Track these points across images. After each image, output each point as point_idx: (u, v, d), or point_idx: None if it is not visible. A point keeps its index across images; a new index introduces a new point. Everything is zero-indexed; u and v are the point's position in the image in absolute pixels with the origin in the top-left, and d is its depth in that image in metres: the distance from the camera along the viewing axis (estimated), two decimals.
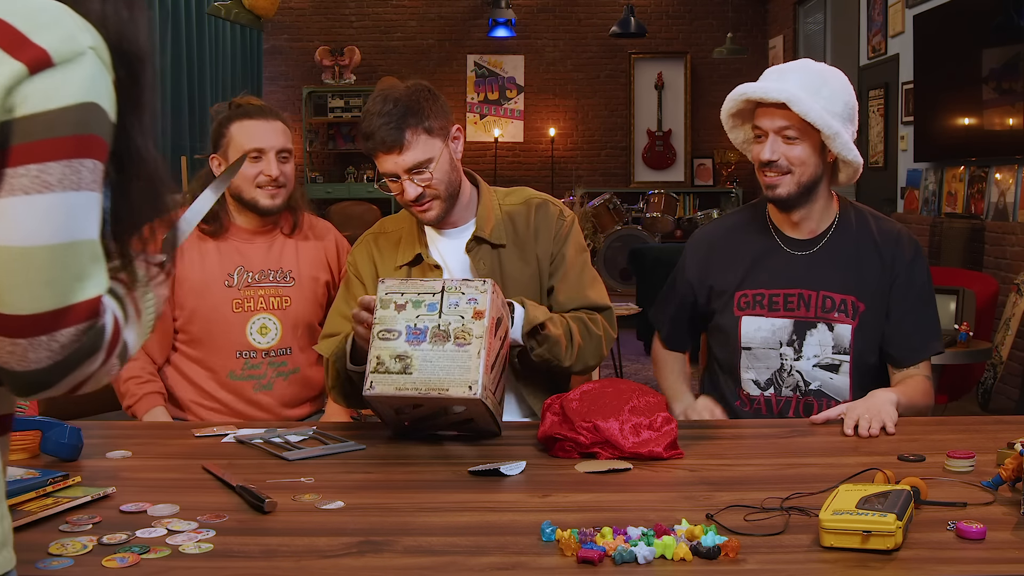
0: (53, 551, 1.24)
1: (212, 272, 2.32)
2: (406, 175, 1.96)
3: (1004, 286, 4.97)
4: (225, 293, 2.31)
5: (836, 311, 2.06)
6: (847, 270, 2.07)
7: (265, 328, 2.32)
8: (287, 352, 2.34)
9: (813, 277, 2.07)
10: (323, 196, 9.86)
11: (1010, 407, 4.79)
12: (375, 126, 1.94)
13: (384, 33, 10.29)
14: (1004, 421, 1.97)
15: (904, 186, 6.57)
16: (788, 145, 1.99)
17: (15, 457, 1.66)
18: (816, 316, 2.06)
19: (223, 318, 2.30)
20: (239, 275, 2.32)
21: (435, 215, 2.03)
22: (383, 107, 1.94)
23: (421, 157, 1.95)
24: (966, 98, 5.55)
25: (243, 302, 2.31)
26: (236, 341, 2.30)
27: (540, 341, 1.94)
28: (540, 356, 1.95)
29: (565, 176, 10.24)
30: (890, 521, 1.21)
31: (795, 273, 2.08)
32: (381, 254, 2.12)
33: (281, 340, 2.33)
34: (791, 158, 2.00)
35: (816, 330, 2.07)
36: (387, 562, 1.22)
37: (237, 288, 2.31)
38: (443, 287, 1.73)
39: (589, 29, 10.30)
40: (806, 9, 9.22)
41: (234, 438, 1.85)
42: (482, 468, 1.59)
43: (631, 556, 1.21)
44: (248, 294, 2.32)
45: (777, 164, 2.00)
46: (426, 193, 1.98)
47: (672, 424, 1.68)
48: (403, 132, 1.93)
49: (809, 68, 2.04)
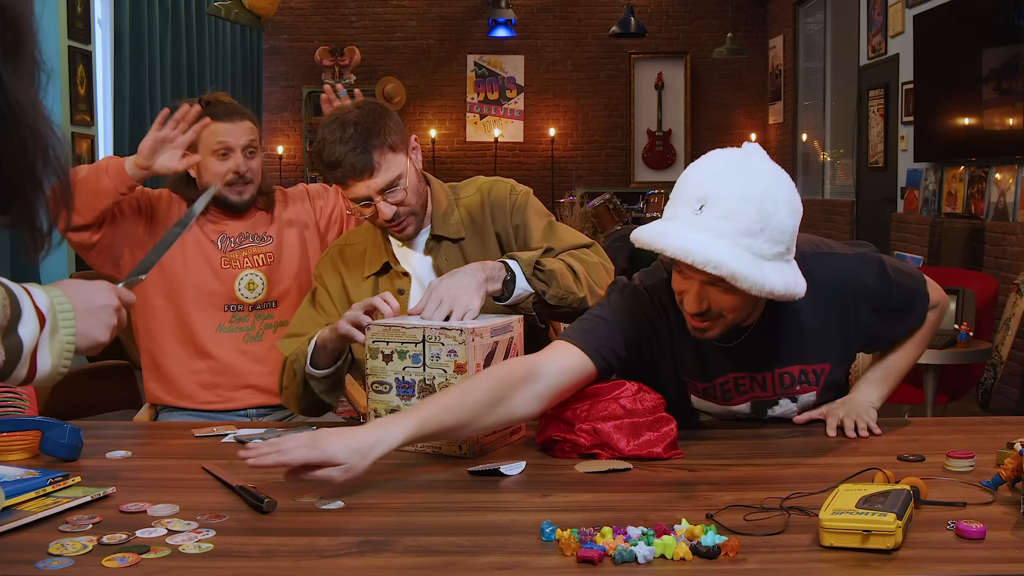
0: (53, 551, 1.24)
1: (196, 238, 2.43)
2: (379, 196, 1.94)
3: (1004, 286, 4.97)
4: (215, 254, 2.43)
5: (798, 384, 1.82)
6: (799, 341, 1.77)
7: (252, 284, 2.44)
8: (273, 305, 2.47)
9: (761, 359, 1.78)
10: None
11: (1010, 407, 4.79)
12: (340, 153, 1.89)
13: (384, 33, 10.29)
14: (1004, 421, 1.97)
15: (904, 186, 6.57)
16: (721, 294, 1.61)
17: (15, 457, 1.66)
18: (775, 394, 1.83)
19: (213, 275, 2.42)
20: (222, 241, 2.45)
21: (412, 231, 2.03)
22: (343, 133, 1.90)
23: (392, 175, 1.94)
24: (966, 98, 5.55)
25: (230, 261, 2.44)
26: (226, 295, 2.43)
27: (546, 280, 1.88)
28: (555, 296, 1.89)
29: (565, 176, 10.24)
30: (890, 521, 1.21)
31: (739, 358, 1.78)
32: (347, 266, 2.11)
33: (267, 294, 2.46)
34: (724, 306, 1.63)
35: (778, 405, 1.86)
36: (387, 562, 1.22)
37: (222, 251, 2.44)
38: (423, 336, 1.70)
39: (589, 29, 10.30)
40: (806, 9, 9.22)
41: (234, 438, 1.85)
42: (482, 468, 1.59)
43: (631, 556, 1.21)
44: (233, 256, 2.44)
45: (707, 314, 1.64)
46: (400, 212, 1.97)
47: (672, 424, 1.68)
48: (371, 154, 1.90)
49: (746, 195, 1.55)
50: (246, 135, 2.41)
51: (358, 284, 2.08)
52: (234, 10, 8.35)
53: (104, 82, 6.21)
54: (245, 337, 2.44)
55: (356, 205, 1.98)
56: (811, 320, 1.76)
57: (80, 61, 5.42)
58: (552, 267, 1.90)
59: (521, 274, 1.87)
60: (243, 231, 2.47)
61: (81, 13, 5.46)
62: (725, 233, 1.54)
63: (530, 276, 1.87)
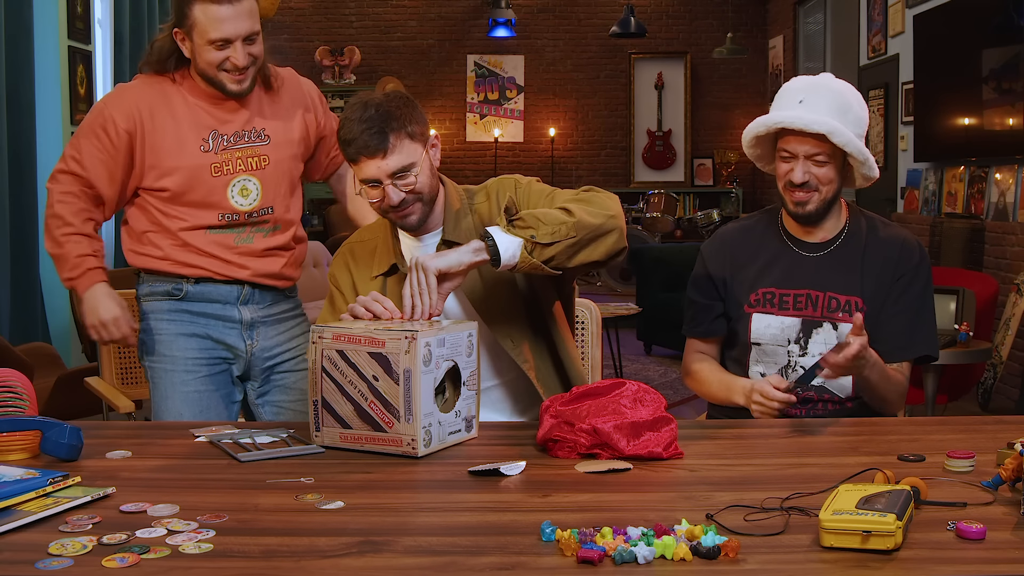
0: (53, 551, 1.24)
1: (186, 138, 2.29)
2: (388, 180, 1.94)
3: (1004, 286, 4.97)
4: (203, 158, 2.29)
5: (841, 311, 2.13)
6: (853, 273, 2.15)
7: (246, 190, 2.32)
8: (269, 211, 2.36)
9: (821, 279, 2.16)
10: (323, 196, 9.86)
11: (1010, 407, 4.79)
12: (357, 131, 1.91)
13: (384, 33, 10.29)
14: (1004, 421, 1.97)
15: (904, 186, 6.57)
16: (817, 167, 2.09)
17: (15, 457, 1.66)
18: (822, 316, 2.14)
19: (203, 182, 2.29)
20: (214, 140, 2.30)
21: (416, 219, 2.01)
22: (364, 113, 1.92)
23: (405, 161, 1.93)
24: (966, 98, 5.55)
25: (221, 165, 2.30)
26: (218, 204, 2.31)
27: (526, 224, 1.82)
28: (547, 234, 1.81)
29: (565, 176, 10.24)
30: (890, 521, 1.21)
31: (804, 274, 2.17)
32: (357, 265, 2.11)
33: (263, 200, 2.34)
34: (820, 178, 2.09)
35: (822, 329, 2.14)
36: (387, 562, 1.22)
37: (214, 152, 2.30)
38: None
39: (589, 29, 10.30)
40: (806, 9, 9.22)
41: (204, 438, 1.85)
42: (482, 468, 1.59)
43: (631, 556, 1.21)
44: (225, 157, 2.31)
45: (807, 184, 2.09)
46: (408, 198, 1.97)
47: (672, 424, 1.68)
48: (387, 136, 1.91)
49: (833, 89, 2.10)
50: (246, 21, 2.19)
51: (366, 283, 2.08)
52: None
53: (104, 82, 6.20)
54: (236, 239, 2.34)
55: (364, 186, 1.98)
56: (870, 261, 2.16)
57: (80, 61, 5.42)
58: (533, 213, 1.85)
59: (499, 230, 1.83)
60: (238, 127, 2.32)
61: (81, 13, 5.46)
62: (822, 112, 2.05)
63: (506, 228, 1.83)
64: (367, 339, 1.69)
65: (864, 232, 2.18)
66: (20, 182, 4.85)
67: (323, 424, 1.75)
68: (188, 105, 2.30)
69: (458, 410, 1.77)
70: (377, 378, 1.68)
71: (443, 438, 1.74)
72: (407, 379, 1.66)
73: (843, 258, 2.17)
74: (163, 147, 2.29)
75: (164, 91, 2.31)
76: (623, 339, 6.08)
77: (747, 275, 2.21)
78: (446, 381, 1.80)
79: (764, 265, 2.20)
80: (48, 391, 3.45)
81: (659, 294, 6.74)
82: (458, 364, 1.77)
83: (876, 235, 2.18)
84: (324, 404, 1.74)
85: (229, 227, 2.33)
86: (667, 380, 6.04)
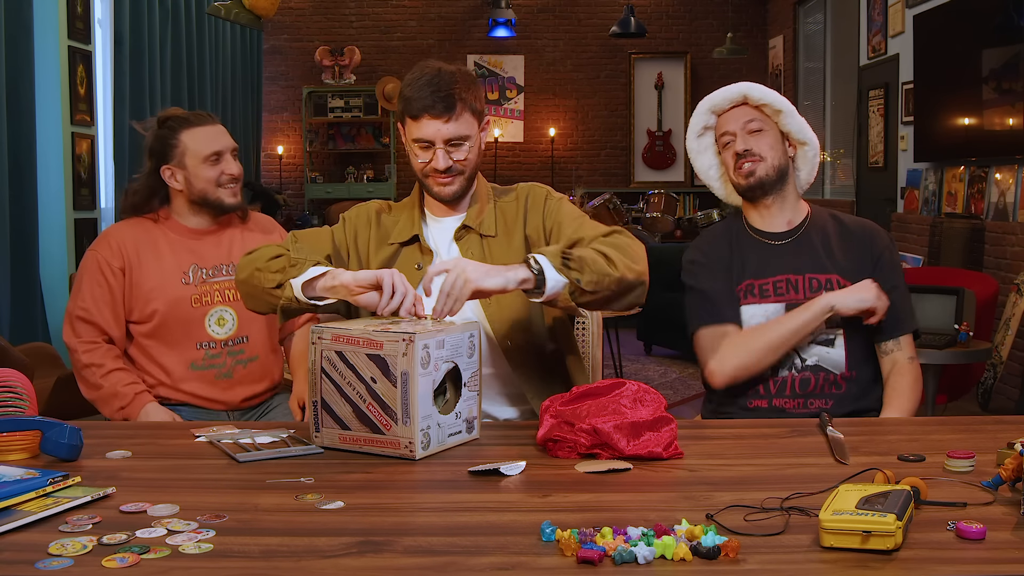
0: (53, 551, 1.24)
1: (168, 273, 2.44)
2: (443, 145, 1.97)
3: (1004, 286, 4.97)
4: (183, 291, 2.43)
5: (824, 290, 2.18)
6: (827, 255, 2.23)
7: (222, 319, 2.45)
8: (244, 340, 2.47)
9: (795, 263, 2.23)
10: (323, 196, 9.86)
11: (1010, 407, 4.79)
12: (426, 91, 1.94)
13: (384, 33, 10.29)
14: (1004, 421, 1.97)
15: (904, 186, 6.57)
16: (755, 136, 2.22)
17: (15, 457, 1.66)
18: (806, 297, 2.19)
19: (183, 314, 2.42)
20: (194, 273, 2.45)
21: (454, 190, 2.03)
22: (436, 76, 1.95)
23: (464, 131, 1.97)
24: (966, 98, 5.55)
25: (200, 297, 2.44)
26: (196, 334, 2.43)
27: (577, 267, 1.82)
28: (591, 282, 1.82)
29: (565, 176, 10.24)
30: (890, 521, 1.21)
31: (778, 262, 2.24)
32: (379, 228, 2.12)
33: (238, 329, 2.46)
34: (761, 146, 2.22)
35: None
36: (387, 562, 1.22)
37: (194, 285, 2.44)
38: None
39: (589, 29, 10.30)
40: (806, 9, 9.22)
41: (205, 438, 1.85)
42: (482, 468, 1.59)
43: (631, 556, 1.21)
44: (204, 289, 2.45)
45: (751, 152, 2.21)
46: (454, 167, 2.00)
47: (672, 424, 1.68)
48: (454, 102, 1.95)
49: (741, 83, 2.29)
50: (228, 137, 2.45)
51: (380, 247, 2.09)
52: (234, 10, 8.35)
53: (104, 82, 6.20)
54: (216, 374, 2.46)
55: (414, 144, 1.99)
56: (841, 243, 2.24)
57: (80, 61, 5.42)
58: (581, 255, 1.84)
59: (550, 265, 1.81)
60: (216, 262, 2.47)
61: (81, 13, 5.46)
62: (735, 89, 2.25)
63: (559, 267, 1.82)
64: (365, 340, 1.69)
65: (827, 219, 2.29)
66: (20, 182, 4.84)
67: (323, 425, 1.75)
68: (170, 241, 2.47)
69: (459, 411, 1.77)
70: (375, 380, 1.68)
71: (442, 440, 1.73)
72: (404, 381, 1.65)
73: (810, 243, 2.24)
74: (147, 283, 2.43)
75: (148, 229, 2.48)
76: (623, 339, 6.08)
77: (728, 275, 2.26)
78: (447, 382, 1.79)
79: (740, 261, 2.26)
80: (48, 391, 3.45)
81: (659, 294, 6.72)
82: (459, 365, 1.77)
83: (840, 221, 2.28)
84: (323, 405, 1.74)
85: (208, 363, 2.45)
86: (667, 380, 6.04)
